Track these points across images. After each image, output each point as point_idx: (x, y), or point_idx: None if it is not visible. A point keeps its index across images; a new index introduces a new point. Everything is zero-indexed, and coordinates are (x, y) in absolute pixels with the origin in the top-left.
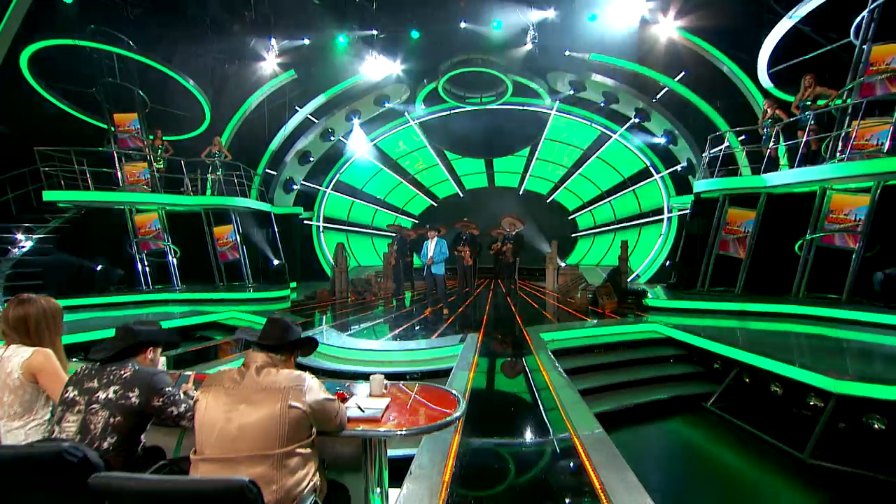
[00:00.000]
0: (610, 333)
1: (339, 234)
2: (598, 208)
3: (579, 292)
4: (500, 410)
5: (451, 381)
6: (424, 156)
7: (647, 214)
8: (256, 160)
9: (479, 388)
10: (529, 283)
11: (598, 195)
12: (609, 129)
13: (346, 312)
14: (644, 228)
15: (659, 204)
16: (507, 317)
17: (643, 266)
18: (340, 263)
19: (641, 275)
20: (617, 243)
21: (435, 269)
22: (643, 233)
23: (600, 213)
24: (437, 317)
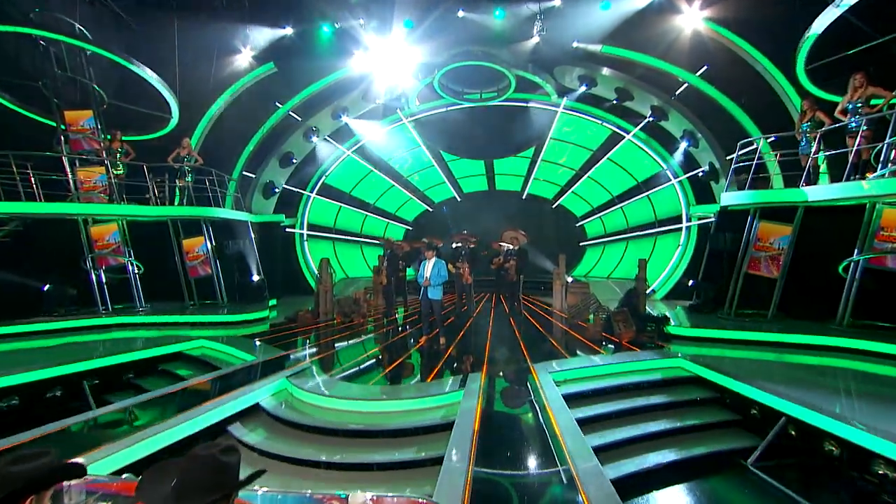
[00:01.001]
0: (628, 371)
1: (325, 242)
2: (609, 215)
3: (591, 316)
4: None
5: (451, 454)
6: (419, 157)
7: (663, 223)
8: (231, 163)
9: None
10: (533, 299)
11: (609, 200)
12: (621, 128)
13: (328, 342)
14: (660, 238)
15: (676, 211)
16: (511, 348)
17: (659, 280)
18: (325, 281)
19: (657, 290)
20: (631, 254)
21: (432, 294)
22: (659, 243)
23: (611, 220)
24: (433, 345)
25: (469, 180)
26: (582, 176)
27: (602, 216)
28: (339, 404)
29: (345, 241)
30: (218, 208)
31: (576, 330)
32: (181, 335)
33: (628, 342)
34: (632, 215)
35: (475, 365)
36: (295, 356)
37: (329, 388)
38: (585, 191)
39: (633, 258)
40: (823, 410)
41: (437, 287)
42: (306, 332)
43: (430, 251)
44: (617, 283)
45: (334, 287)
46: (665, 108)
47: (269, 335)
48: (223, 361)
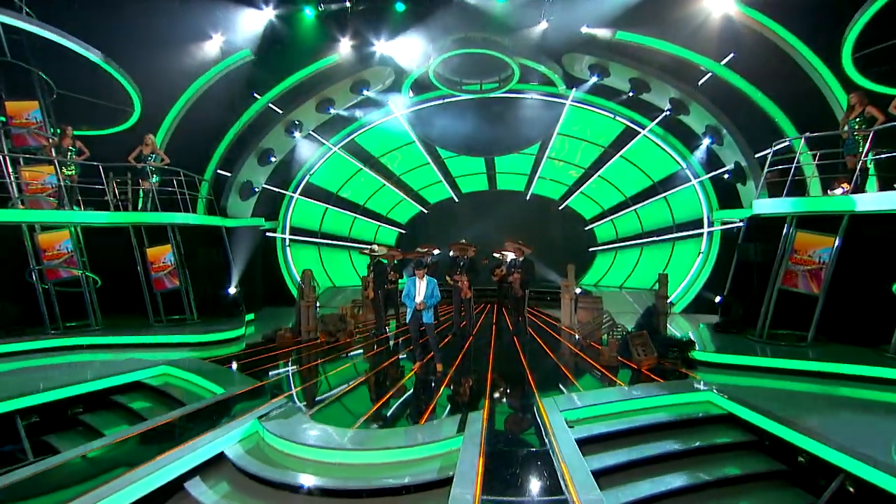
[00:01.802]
0: (650, 407)
1: (310, 247)
2: (622, 218)
3: (605, 336)
4: None
5: None
6: (412, 154)
7: (682, 227)
8: (203, 162)
9: None
10: (539, 311)
11: (622, 202)
12: (637, 123)
13: (309, 368)
14: (678, 244)
15: (697, 215)
16: (515, 376)
17: (678, 292)
18: (308, 296)
19: (675, 302)
20: (646, 261)
21: (426, 317)
22: (677, 249)
23: (624, 224)
24: (428, 372)
25: (468, 179)
26: (592, 175)
27: (614, 219)
28: (317, 455)
29: (331, 245)
30: (187, 213)
31: (587, 352)
32: (142, 360)
33: (648, 370)
34: (647, 219)
35: (475, 399)
36: (270, 388)
37: (306, 433)
38: (596, 191)
39: (648, 266)
40: (891, 468)
41: (430, 309)
42: (285, 355)
43: (419, 269)
44: (631, 293)
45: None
46: (686, 101)
47: (243, 358)
48: (187, 393)
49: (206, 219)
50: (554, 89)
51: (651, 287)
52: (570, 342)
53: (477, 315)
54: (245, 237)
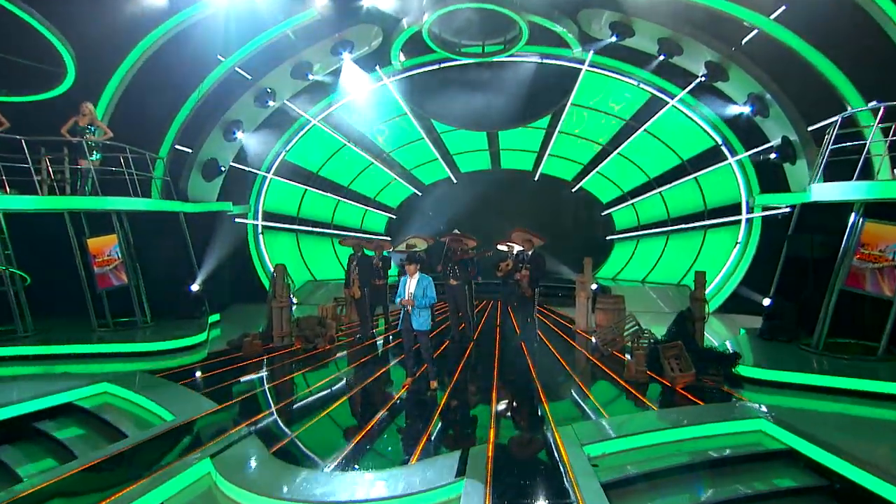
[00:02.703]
0: (690, 438)
1: (286, 235)
2: (645, 202)
3: (629, 346)
4: None
5: None
6: (404, 127)
7: (715, 213)
8: (158, 137)
9: None
10: (548, 310)
11: (645, 184)
12: (665, 91)
13: (280, 385)
14: (710, 233)
15: (733, 199)
16: (525, 396)
17: (710, 288)
18: (280, 296)
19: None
20: (672, 251)
21: (417, 323)
22: (709, 239)
23: (647, 209)
24: (421, 391)
25: (468, 157)
26: (611, 152)
27: (635, 203)
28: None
29: (311, 233)
30: (136, 197)
31: (608, 363)
32: (77, 375)
33: (683, 388)
34: (674, 203)
35: (478, 428)
36: (229, 414)
37: (269, 477)
38: (615, 171)
39: (674, 257)
40: None
41: (423, 312)
42: (253, 367)
43: (411, 264)
44: (654, 288)
45: (296, 294)
46: (724, 65)
47: (202, 372)
48: (130, 419)
49: (160, 203)
50: (568, 52)
51: (678, 283)
52: (587, 349)
53: (478, 315)
54: (209, 224)
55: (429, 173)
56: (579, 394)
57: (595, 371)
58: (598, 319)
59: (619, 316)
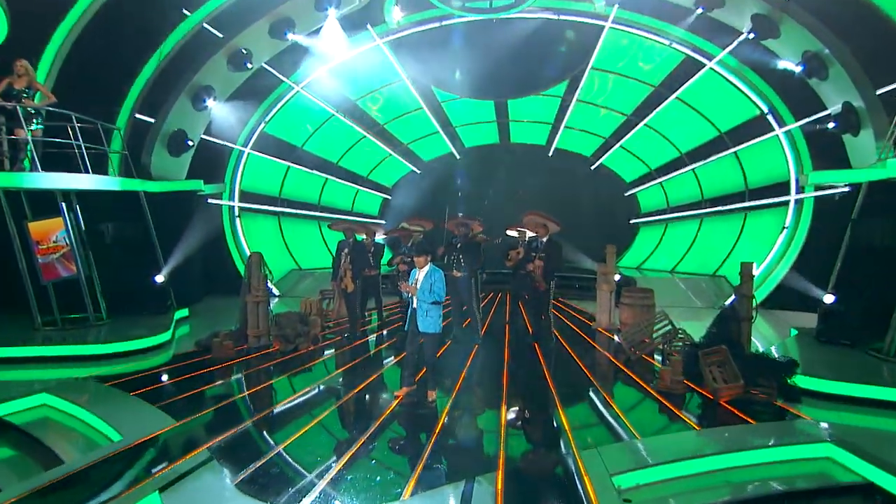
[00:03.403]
0: (738, 466)
1: (267, 219)
2: (675, 180)
3: (661, 349)
4: None
5: None
6: (401, 96)
7: (758, 194)
8: (113, 104)
9: None
10: (564, 304)
11: (676, 160)
12: (702, 51)
13: (250, 398)
14: (752, 216)
15: (780, 177)
16: (541, 410)
17: None
18: (257, 290)
19: None
20: (707, 237)
21: (424, 324)
22: (750, 223)
23: (678, 188)
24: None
25: (473, 130)
26: (636, 124)
27: (664, 182)
28: None
29: (296, 216)
30: (87, 174)
31: (637, 371)
32: (13, 383)
33: (728, 402)
34: (710, 182)
35: (485, 452)
36: (189, 434)
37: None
38: (641, 145)
39: (709, 243)
40: None
41: (430, 311)
42: (222, 373)
43: (420, 255)
44: (685, 279)
45: (277, 286)
46: (774, 19)
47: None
48: (69, 439)
49: (116, 182)
50: (589, 7)
51: (713, 273)
52: (611, 351)
53: (483, 311)
54: (177, 206)
55: (428, 148)
56: (604, 407)
57: (621, 378)
58: (622, 316)
59: (647, 313)
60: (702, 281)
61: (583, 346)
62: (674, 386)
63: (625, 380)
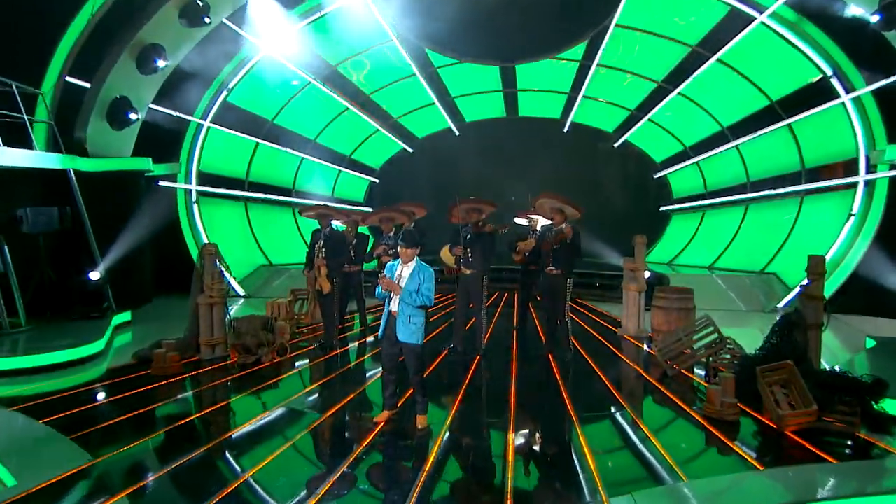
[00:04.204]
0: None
1: (231, 205)
2: (715, 159)
3: (704, 362)
4: None
5: None
6: (390, 60)
7: (816, 174)
8: (35, 63)
9: None
10: (582, 305)
11: (716, 134)
12: (750, 3)
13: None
14: (809, 200)
15: (846, 153)
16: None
17: None
18: (210, 288)
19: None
20: (753, 225)
21: (404, 332)
22: (807, 209)
23: (718, 169)
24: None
25: (475, 101)
26: (669, 92)
27: (701, 161)
28: None
29: (266, 202)
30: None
31: (676, 390)
32: None
33: (796, 432)
34: (757, 160)
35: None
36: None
37: None
38: (674, 118)
39: (756, 234)
40: None
41: (414, 317)
42: (164, 392)
43: (408, 247)
44: (726, 277)
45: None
46: None
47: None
48: None
49: (37, 157)
50: None
51: (761, 270)
52: (641, 364)
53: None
54: (120, 189)
55: (423, 122)
56: (637, 436)
57: (656, 399)
58: (655, 322)
59: (686, 317)
60: (747, 279)
61: (607, 358)
62: (725, 410)
63: (661, 400)
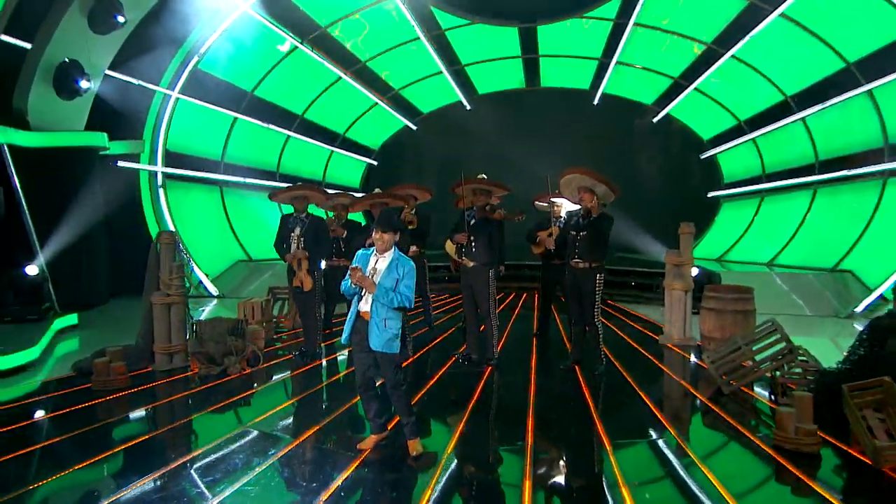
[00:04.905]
0: None
1: (204, 189)
2: (775, 135)
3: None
4: None
5: None
6: (392, 20)
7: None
8: None
9: None
10: (614, 308)
11: (777, 105)
12: None
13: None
14: (893, 182)
15: None
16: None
17: None
18: (168, 285)
19: (888, 296)
20: (822, 213)
21: (377, 339)
22: (890, 192)
23: (779, 146)
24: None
25: (489, 70)
26: (720, 56)
27: (758, 137)
28: None
29: (246, 187)
30: None
31: (735, 412)
32: None
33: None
34: (828, 136)
35: None
36: None
37: None
38: (725, 87)
39: (826, 224)
40: None
41: (389, 320)
42: (104, 410)
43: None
44: (791, 276)
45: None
46: None
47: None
48: None
49: None
50: None
51: (833, 267)
52: (688, 379)
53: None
54: (68, 169)
55: (428, 95)
56: (686, 468)
57: (710, 423)
58: (705, 327)
59: (745, 322)
60: (815, 278)
61: (646, 371)
62: (803, 440)
63: (714, 424)
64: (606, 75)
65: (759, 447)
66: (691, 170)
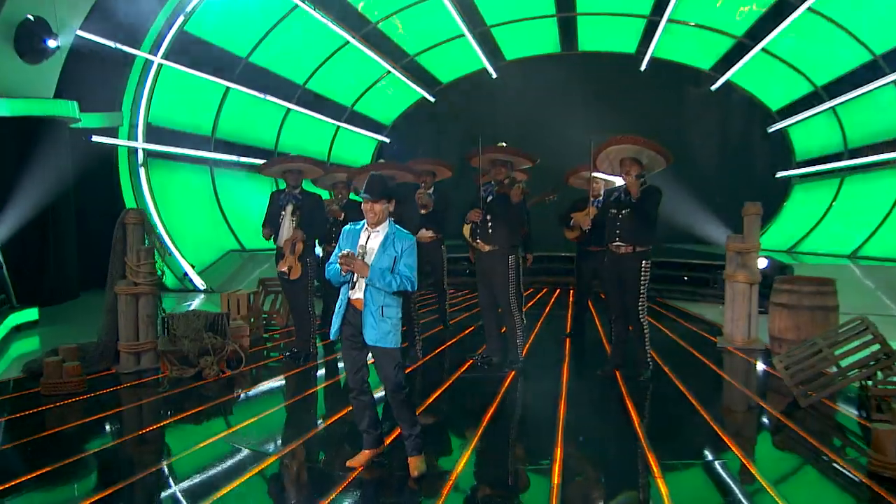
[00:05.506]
0: None
1: (192, 169)
2: (859, 103)
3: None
4: None
5: None
6: None
7: None
8: None
9: None
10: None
11: (863, 66)
12: None
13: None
14: None
15: None
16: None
17: None
18: (136, 273)
19: None
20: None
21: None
22: None
23: (864, 117)
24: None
25: (518, 31)
26: (792, 10)
27: (838, 106)
28: None
29: (239, 166)
30: None
31: (817, 431)
32: None
33: None
34: None
35: None
36: None
37: None
38: (798, 48)
39: None
40: None
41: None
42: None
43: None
44: (878, 269)
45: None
46: None
47: None
48: None
49: None
50: None
51: None
52: (755, 389)
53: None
54: (30, 143)
55: (449, 62)
56: (759, 502)
57: (783, 443)
58: (776, 327)
59: (825, 321)
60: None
61: (702, 379)
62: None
63: (790, 445)
64: (656, 36)
65: (847, 473)
66: (756, 146)
